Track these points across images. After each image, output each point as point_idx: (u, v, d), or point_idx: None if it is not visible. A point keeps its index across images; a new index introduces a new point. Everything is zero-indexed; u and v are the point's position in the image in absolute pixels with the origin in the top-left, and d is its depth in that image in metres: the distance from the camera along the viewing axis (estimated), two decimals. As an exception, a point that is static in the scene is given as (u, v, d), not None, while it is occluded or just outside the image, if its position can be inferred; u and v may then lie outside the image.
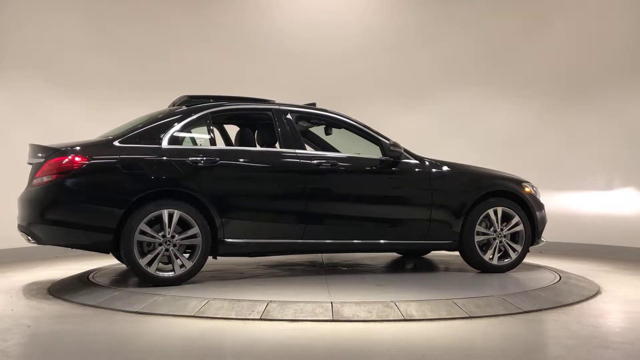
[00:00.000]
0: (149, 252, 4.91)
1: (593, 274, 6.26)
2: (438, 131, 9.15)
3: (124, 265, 5.81)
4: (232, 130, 6.67)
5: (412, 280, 5.63)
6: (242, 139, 5.77)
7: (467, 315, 4.27)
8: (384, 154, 5.58)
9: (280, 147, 5.41)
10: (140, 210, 4.88)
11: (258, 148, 5.65)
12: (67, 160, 4.86)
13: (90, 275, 5.57)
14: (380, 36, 9.41)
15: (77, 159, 4.87)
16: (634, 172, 8.17)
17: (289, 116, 5.51)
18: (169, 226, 4.90)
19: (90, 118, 8.27)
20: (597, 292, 5.27)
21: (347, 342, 3.69)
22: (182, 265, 4.97)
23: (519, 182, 5.98)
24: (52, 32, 8.28)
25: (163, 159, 5.00)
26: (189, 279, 5.03)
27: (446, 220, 5.63)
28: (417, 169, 5.64)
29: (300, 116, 5.71)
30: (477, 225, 5.65)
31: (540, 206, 6.01)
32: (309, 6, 9.50)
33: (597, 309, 4.70)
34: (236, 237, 5.14)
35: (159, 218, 4.91)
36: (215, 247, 5.12)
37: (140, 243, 4.89)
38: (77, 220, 4.90)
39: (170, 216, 4.92)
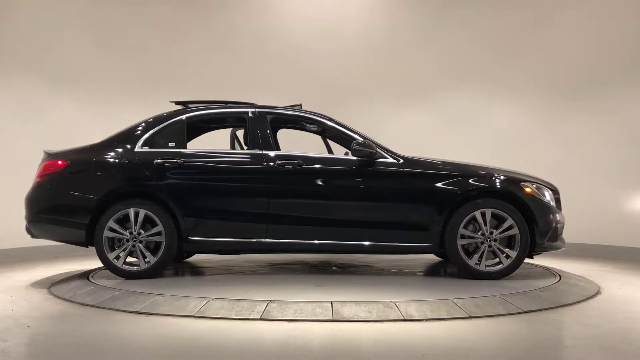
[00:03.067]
0: (119, 247, 5.36)
1: (593, 274, 6.26)
2: (438, 131, 9.15)
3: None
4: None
5: (412, 280, 5.63)
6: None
7: (467, 315, 4.27)
8: None
9: (249, 149, 5.52)
10: (111, 208, 5.34)
11: (220, 149, 5.69)
12: (52, 163, 5.51)
13: (90, 275, 5.60)
14: (380, 36, 9.42)
15: (59, 162, 5.49)
16: (634, 172, 8.17)
17: (262, 118, 5.62)
18: (135, 224, 5.31)
19: (96, 120, 8.29)
20: (597, 292, 5.27)
21: (347, 342, 3.69)
22: (147, 261, 5.32)
23: (517, 182, 5.43)
24: (56, 33, 8.28)
25: (131, 161, 5.43)
26: (154, 272, 5.37)
27: (424, 222, 5.35)
28: (392, 168, 5.42)
29: (276, 118, 5.78)
30: (460, 228, 5.30)
31: (547, 209, 5.42)
32: (308, 6, 9.51)
33: (597, 309, 4.70)
34: (199, 235, 5.39)
35: (129, 216, 5.34)
36: (180, 245, 5.39)
37: (111, 239, 5.34)
38: (57, 217, 5.46)
39: (137, 214, 5.32)
